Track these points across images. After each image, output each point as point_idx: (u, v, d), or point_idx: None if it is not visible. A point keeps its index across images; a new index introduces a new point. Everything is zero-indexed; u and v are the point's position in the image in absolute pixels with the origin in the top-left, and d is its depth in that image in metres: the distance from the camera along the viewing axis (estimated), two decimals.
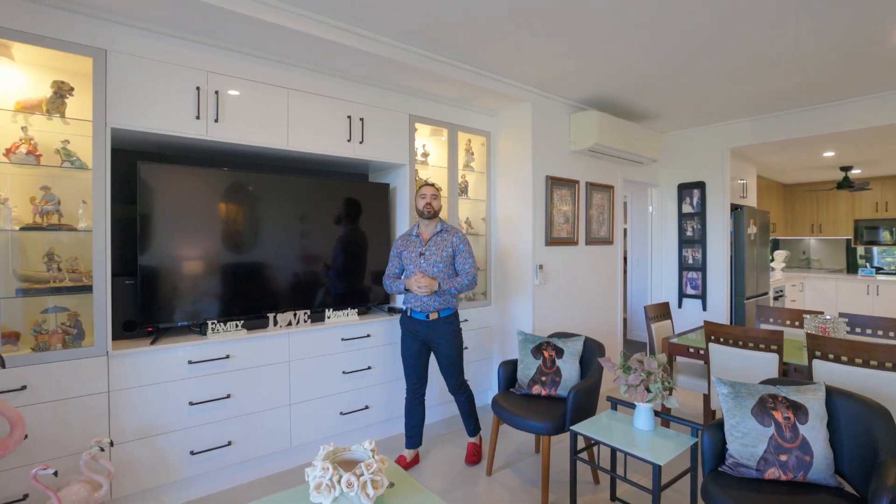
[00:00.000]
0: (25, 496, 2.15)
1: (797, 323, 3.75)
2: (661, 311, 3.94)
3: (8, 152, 2.23)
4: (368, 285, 3.44)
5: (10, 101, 2.28)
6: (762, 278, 5.53)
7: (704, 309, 5.10)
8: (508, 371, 3.03)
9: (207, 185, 2.79)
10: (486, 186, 4.12)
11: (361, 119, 3.26)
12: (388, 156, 3.42)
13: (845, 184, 6.39)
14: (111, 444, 2.16)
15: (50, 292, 2.36)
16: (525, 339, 3.00)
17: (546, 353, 2.90)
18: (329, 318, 3.14)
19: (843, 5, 2.44)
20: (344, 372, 3.13)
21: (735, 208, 5.14)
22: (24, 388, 2.15)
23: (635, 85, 3.66)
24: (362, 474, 1.52)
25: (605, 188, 4.53)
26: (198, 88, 2.63)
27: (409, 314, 2.95)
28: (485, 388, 4.04)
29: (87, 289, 2.40)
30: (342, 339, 3.12)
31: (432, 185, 3.01)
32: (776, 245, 8.25)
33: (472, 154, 4.11)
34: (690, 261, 5.23)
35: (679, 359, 3.94)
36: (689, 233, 5.24)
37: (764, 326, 3.89)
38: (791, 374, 2.81)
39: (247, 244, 2.93)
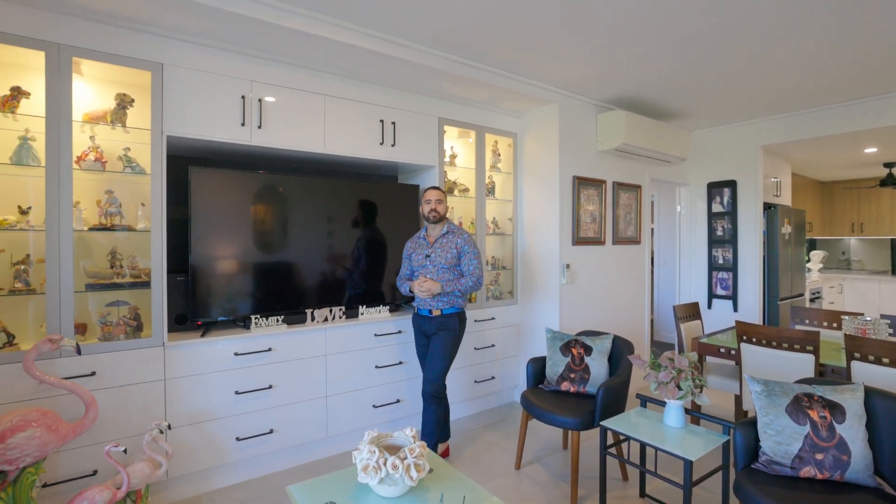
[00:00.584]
0: (95, 472, 2.35)
1: (834, 324, 3.71)
2: (691, 312, 3.95)
3: (79, 160, 2.44)
4: (387, 286, 3.56)
5: (79, 113, 2.47)
6: (797, 279, 5.44)
7: (735, 310, 5.05)
8: (537, 368, 3.11)
9: (251, 188, 2.96)
10: (513, 187, 4.21)
11: (393, 123, 3.39)
12: (418, 158, 3.54)
13: (889, 181, 6.20)
14: (169, 427, 2.34)
15: (113, 287, 2.57)
16: (553, 337, 3.08)
17: (575, 351, 2.97)
18: (362, 314, 3.27)
19: None
20: (377, 366, 3.26)
21: (768, 207, 5.08)
22: (93, 374, 2.35)
23: (663, 84, 3.68)
24: (406, 458, 1.63)
25: (632, 188, 4.55)
26: (243, 97, 2.80)
27: (417, 312, 3.07)
28: (511, 386, 4.12)
29: (146, 284, 2.59)
30: (375, 335, 3.26)
31: (437, 188, 3.06)
32: (813, 245, 8.05)
33: (499, 155, 4.19)
34: (721, 261, 5.19)
35: (710, 359, 3.95)
36: (719, 232, 5.20)
37: (799, 328, 3.86)
38: (828, 376, 2.80)
39: (286, 244, 3.10)
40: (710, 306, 5.28)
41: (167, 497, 2.58)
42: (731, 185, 5.07)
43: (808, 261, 7.03)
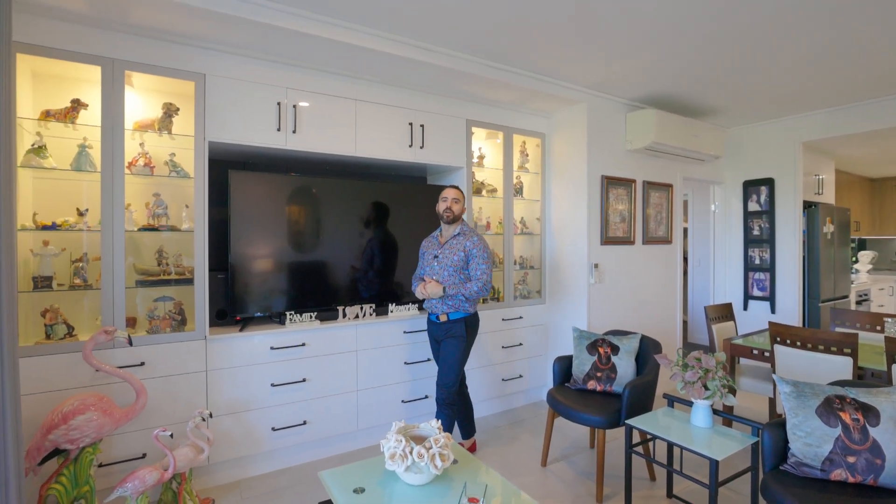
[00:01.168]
0: (144, 455, 2.53)
1: (878, 327, 3.57)
2: (723, 313, 3.88)
3: (130, 165, 2.62)
4: None
5: (130, 122, 2.66)
6: (841, 280, 5.24)
7: (773, 311, 4.91)
8: (563, 366, 3.13)
9: (286, 190, 3.10)
10: (541, 187, 4.23)
11: (422, 125, 3.48)
12: (447, 159, 3.62)
13: None
14: (210, 415, 2.49)
15: (160, 284, 2.75)
16: (580, 336, 3.09)
17: (601, 350, 2.98)
18: (392, 311, 3.37)
19: None
20: (405, 363, 3.35)
21: (808, 205, 4.92)
22: (142, 364, 2.53)
23: (696, 81, 3.63)
24: (431, 447, 1.71)
25: (663, 187, 4.49)
26: (279, 103, 2.94)
27: (429, 316, 3.04)
28: (539, 385, 4.14)
29: (189, 281, 2.76)
30: (404, 332, 3.35)
31: (456, 187, 2.99)
32: (862, 245, 7.69)
33: (527, 155, 4.22)
34: (757, 261, 5.05)
35: (743, 362, 3.87)
36: (755, 232, 5.07)
37: (839, 330, 3.73)
38: (867, 380, 2.71)
39: (318, 243, 3.22)
40: (745, 308, 5.15)
41: (208, 482, 2.74)
42: (769, 183, 4.93)
43: (856, 261, 6.74)
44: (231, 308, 2.93)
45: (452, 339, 2.91)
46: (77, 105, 2.53)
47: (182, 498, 2.41)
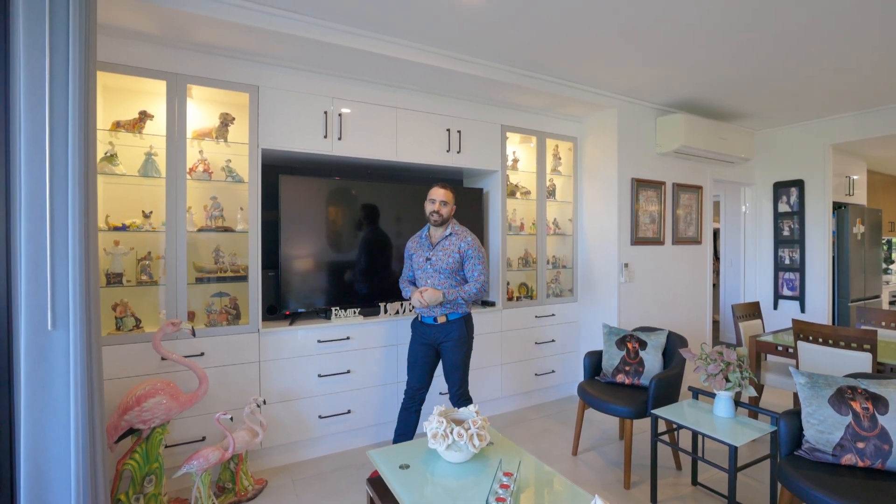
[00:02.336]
0: (203, 438, 2.76)
1: None
2: (751, 311, 3.93)
3: (190, 171, 2.86)
4: None
5: (190, 131, 2.90)
6: (872, 280, 5.20)
7: (803, 311, 4.92)
8: (594, 360, 3.25)
9: (331, 193, 3.30)
10: (573, 189, 4.35)
11: (459, 131, 3.64)
12: (482, 163, 3.78)
13: None
14: (264, 402, 2.70)
15: (216, 281, 2.98)
16: (610, 332, 3.21)
17: (630, 345, 3.09)
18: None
19: None
20: None
21: (839, 206, 4.91)
22: (202, 354, 2.76)
23: (726, 86, 3.70)
24: (470, 428, 1.87)
25: (692, 188, 4.55)
26: (325, 112, 3.15)
27: (419, 319, 2.84)
28: (570, 380, 4.26)
29: (243, 279, 2.99)
30: None
31: (445, 186, 2.80)
32: None
33: (560, 159, 4.35)
34: (787, 261, 5.06)
35: (770, 358, 3.92)
36: (785, 232, 5.08)
37: (864, 328, 3.76)
38: (887, 374, 2.78)
39: (362, 244, 3.42)
40: (776, 307, 5.16)
41: (261, 464, 2.96)
42: (799, 184, 4.94)
43: (893, 262, 6.63)
44: (281, 303, 3.14)
45: (454, 342, 2.75)
46: (144, 116, 2.78)
47: (239, 477, 2.63)
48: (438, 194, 2.76)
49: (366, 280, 3.43)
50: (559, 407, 4.04)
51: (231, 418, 2.45)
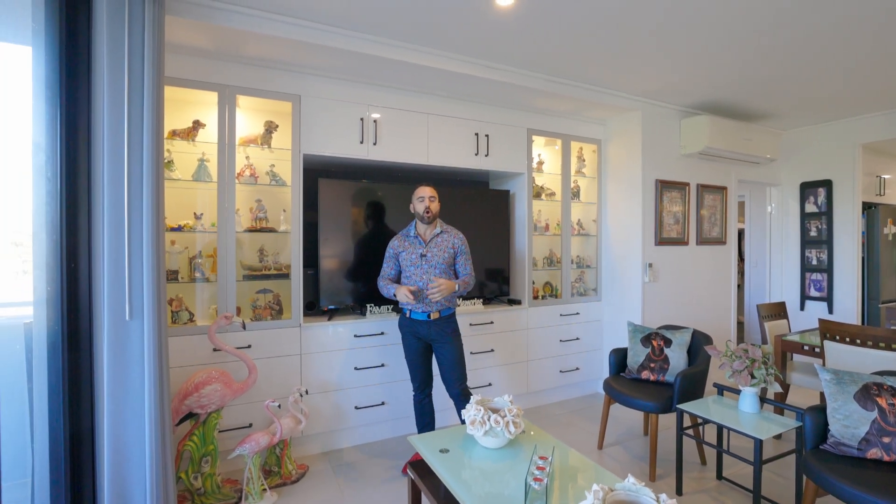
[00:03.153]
0: (250, 424, 2.96)
1: None
2: (776, 311, 3.97)
3: (238, 175, 3.06)
4: (484, 281, 3.95)
5: (237, 138, 3.10)
6: None
7: (831, 312, 4.91)
8: (619, 357, 3.35)
9: (366, 196, 3.48)
10: (597, 190, 4.44)
11: (487, 135, 3.78)
12: (509, 166, 3.91)
13: None
14: (306, 392, 2.89)
15: (261, 278, 3.18)
16: (635, 330, 3.31)
17: (655, 343, 3.19)
18: (459, 306, 3.69)
19: None
20: (471, 352, 3.66)
21: (868, 206, 4.88)
22: (249, 346, 2.96)
23: (752, 87, 3.75)
24: (506, 416, 2.01)
25: (717, 189, 4.60)
26: (361, 119, 3.32)
27: (408, 315, 2.87)
28: (594, 378, 4.36)
29: (285, 276, 3.18)
30: (470, 325, 3.66)
31: (429, 185, 2.92)
32: None
33: (584, 160, 4.45)
34: (815, 262, 5.06)
35: (796, 358, 3.95)
36: (812, 233, 5.07)
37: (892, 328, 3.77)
38: None
39: None
40: (802, 308, 5.16)
41: (303, 450, 3.15)
42: (827, 184, 4.94)
43: None
44: (319, 300, 3.33)
45: (449, 337, 2.83)
46: (197, 125, 2.99)
47: (284, 462, 2.82)
48: (426, 192, 2.85)
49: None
50: (584, 403, 4.14)
51: (279, 406, 2.64)
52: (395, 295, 2.81)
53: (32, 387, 1.92)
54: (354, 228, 3.44)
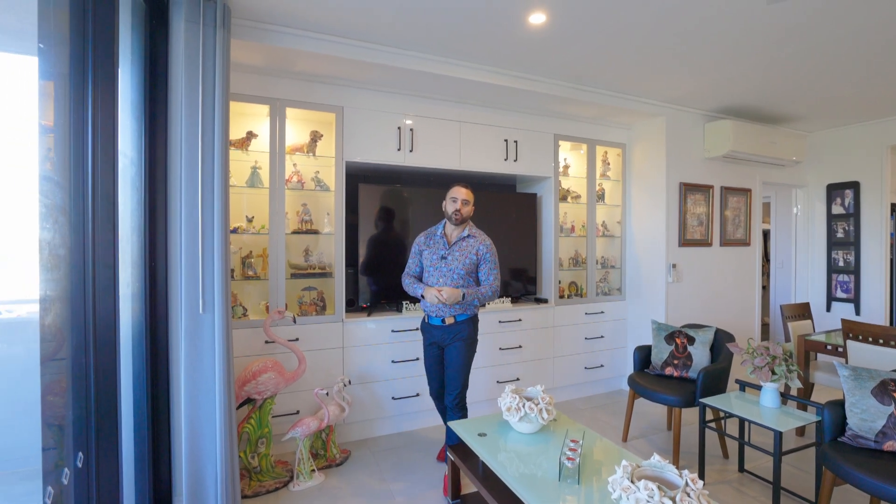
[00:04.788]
0: (298, 411, 3.20)
1: None
2: (800, 311, 4.05)
3: (287, 181, 3.31)
4: (509, 280, 4.13)
5: (286, 147, 3.35)
6: None
7: (857, 313, 4.94)
8: (643, 354, 3.50)
9: (402, 199, 3.70)
10: (622, 193, 4.58)
11: (515, 141, 3.97)
12: (536, 170, 4.09)
13: None
14: (349, 382, 3.12)
15: (307, 276, 3.42)
16: (658, 328, 3.45)
17: (678, 340, 3.32)
18: (488, 304, 3.88)
19: None
20: (500, 348, 3.85)
21: None
22: (297, 339, 3.21)
23: (776, 91, 3.84)
24: (539, 403, 2.20)
25: (741, 191, 4.69)
26: (398, 128, 3.54)
27: (426, 320, 2.83)
28: (618, 375, 4.50)
29: (329, 275, 3.42)
30: (499, 322, 3.85)
31: (467, 186, 2.77)
32: None
33: (609, 164, 4.59)
34: (841, 263, 5.09)
35: (820, 358, 4.02)
36: (839, 234, 5.10)
37: None
38: None
39: None
40: (828, 309, 5.19)
41: (345, 437, 3.39)
42: (854, 186, 4.96)
43: None
44: (358, 297, 3.56)
45: (459, 343, 2.72)
46: (250, 135, 3.25)
47: (329, 446, 3.06)
48: (461, 193, 2.72)
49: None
50: (608, 399, 4.29)
51: (327, 393, 2.88)
52: (422, 296, 2.71)
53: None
54: (390, 230, 3.66)
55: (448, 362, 2.76)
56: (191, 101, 2.21)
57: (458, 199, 2.73)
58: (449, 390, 2.76)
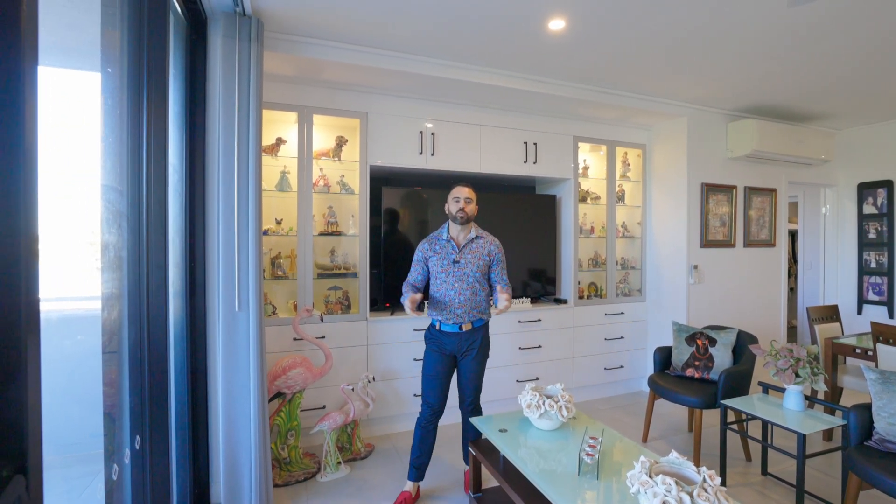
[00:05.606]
0: (324, 406, 3.33)
1: None
2: (828, 314, 4.00)
3: (314, 185, 3.44)
4: (528, 281, 4.18)
5: (312, 152, 3.48)
6: None
7: (891, 316, 4.82)
8: (663, 355, 3.51)
9: (423, 202, 3.79)
10: (642, 194, 4.58)
11: (535, 143, 4.02)
12: (555, 172, 4.13)
13: None
14: (373, 378, 3.22)
15: (332, 276, 3.55)
16: (679, 329, 3.46)
17: (700, 342, 3.33)
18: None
19: None
20: (520, 348, 3.91)
21: None
22: (323, 336, 3.33)
23: (804, 90, 3.80)
24: (559, 401, 2.26)
25: (766, 191, 4.64)
26: (420, 132, 3.64)
27: (438, 328, 2.65)
28: (637, 376, 4.51)
29: (353, 275, 3.54)
30: (518, 322, 3.91)
31: (469, 185, 2.68)
32: None
33: (629, 165, 4.60)
34: (873, 265, 4.98)
35: (849, 362, 3.96)
36: (871, 235, 4.99)
37: None
38: None
39: None
40: (859, 312, 5.08)
41: (369, 431, 3.50)
42: (887, 185, 4.85)
43: None
44: (382, 297, 3.67)
45: (475, 352, 2.64)
46: (279, 141, 3.39)
47: (354, 440, 3.17)
48: (464, 192, 2.63)
49: None
50: (627, 400, 4.30)
51: (353, 389, 2.99)
52: (439, 305, 2.61)
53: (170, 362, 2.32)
54: (412, 232, 3.76)
55: (466, 372, 2.67)
56: (227, 111, 2.34)
57: (461, 198, 2.62)
58: (467, 395, 2.71)
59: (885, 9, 2.54)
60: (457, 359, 2.68)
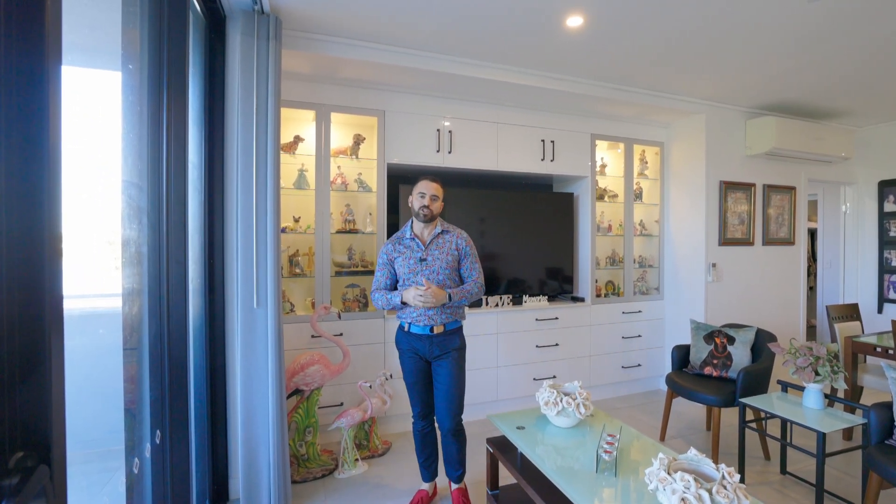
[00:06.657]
0: (341, 403, 3.35)
1: None
2: (848, 312, 3.93)
3: (332, 183, 3.46)
4: (545, 279, 4.16)
5: (330, 150, 3.50)
6: None
7: None
8: (681, 354, 3.49)
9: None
10: (660, 192, 4.54)
11: (552, 141, 4.01)
12: (573, 170, 4.11)
13: None
14: (391, 376, 3.24)
15: (350, 274, 3.57)
16: (697, 327, 3.43)
17: (718, 340, 3.30)
18: (525, 302, 3.94)
19: None
20: (537, 346, 3.91)
21: None
22: (341, 334, 3.35)
23: (824, 87, 3.75)
24: (577, 398, 2.25)
25: (785, 189, 4.57)
26: (437, 130, 3.64)
27: (407, 329, 2.46)
28: (655, 375, 4.48)
29: (370, 273, 3.55)
30: (536, 320, 3.90)
31: (435, 180, 2.49)
32: None
33: (646, 163, 4.56)
34: (894, 263, 4.89)
35: (870, 361, 3.90)
36: (892, 233, 4.90)
37: None
38: None
39: None
40: (880, 311, 4.99)
41: (386, 429, 3.52)
42: None
43: None
44: None
45: (453, 354, 2.45)
46: (297, 139, 3.41)
47: (372, 437, 3.19)
48: (430, 188, 2.46)
49: None
50: (645, 399, 4.27)
51: (370, 386, 3.00)
52: (402, 302, 2.38)
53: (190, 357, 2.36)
54: None
55: (442, 380, 2.43)
56: (246, 109, 2.37)
57: (427, 193, 2.44)
58: (446, 413, 2.42)
59: None
60: (431, 364, 2.50)
